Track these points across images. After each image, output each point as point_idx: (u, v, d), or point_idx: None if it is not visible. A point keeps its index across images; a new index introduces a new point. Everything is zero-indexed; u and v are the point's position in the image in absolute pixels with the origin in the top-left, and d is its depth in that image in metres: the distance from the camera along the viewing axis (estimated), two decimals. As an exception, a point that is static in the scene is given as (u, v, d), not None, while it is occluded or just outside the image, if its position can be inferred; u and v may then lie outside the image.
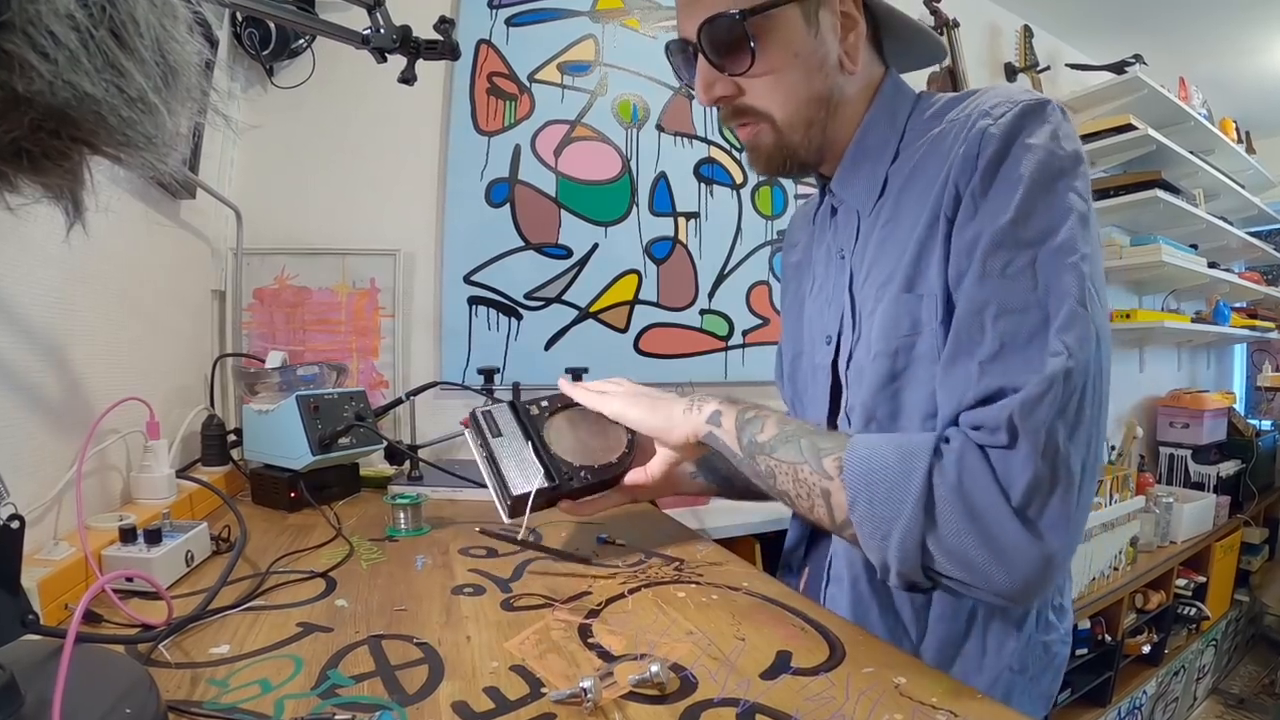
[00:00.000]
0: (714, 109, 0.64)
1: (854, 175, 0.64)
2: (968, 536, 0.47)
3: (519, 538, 0.71)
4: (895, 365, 0.57)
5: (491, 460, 0.70)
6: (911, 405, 0.57)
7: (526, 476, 0.69)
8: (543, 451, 0.72)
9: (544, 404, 0.75)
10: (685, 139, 1.66)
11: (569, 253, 1.53)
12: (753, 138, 0.64)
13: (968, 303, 0.51)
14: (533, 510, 0.68)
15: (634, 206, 1.60)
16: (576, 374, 1.33)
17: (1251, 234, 2.94)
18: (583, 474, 0.71)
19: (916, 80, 2.02)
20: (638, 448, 0.75)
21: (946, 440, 0.49)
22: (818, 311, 0.71)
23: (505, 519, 0.69)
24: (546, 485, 0.69)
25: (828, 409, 0.67)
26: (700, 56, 0.61)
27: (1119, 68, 2.35)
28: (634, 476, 0.74)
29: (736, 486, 0.77)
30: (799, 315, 0.77)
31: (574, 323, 1.53)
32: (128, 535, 0.64)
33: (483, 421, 0.73)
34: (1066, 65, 2.46)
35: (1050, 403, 0.46)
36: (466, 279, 1.44)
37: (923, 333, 0.55)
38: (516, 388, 0.74)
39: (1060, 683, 0.65)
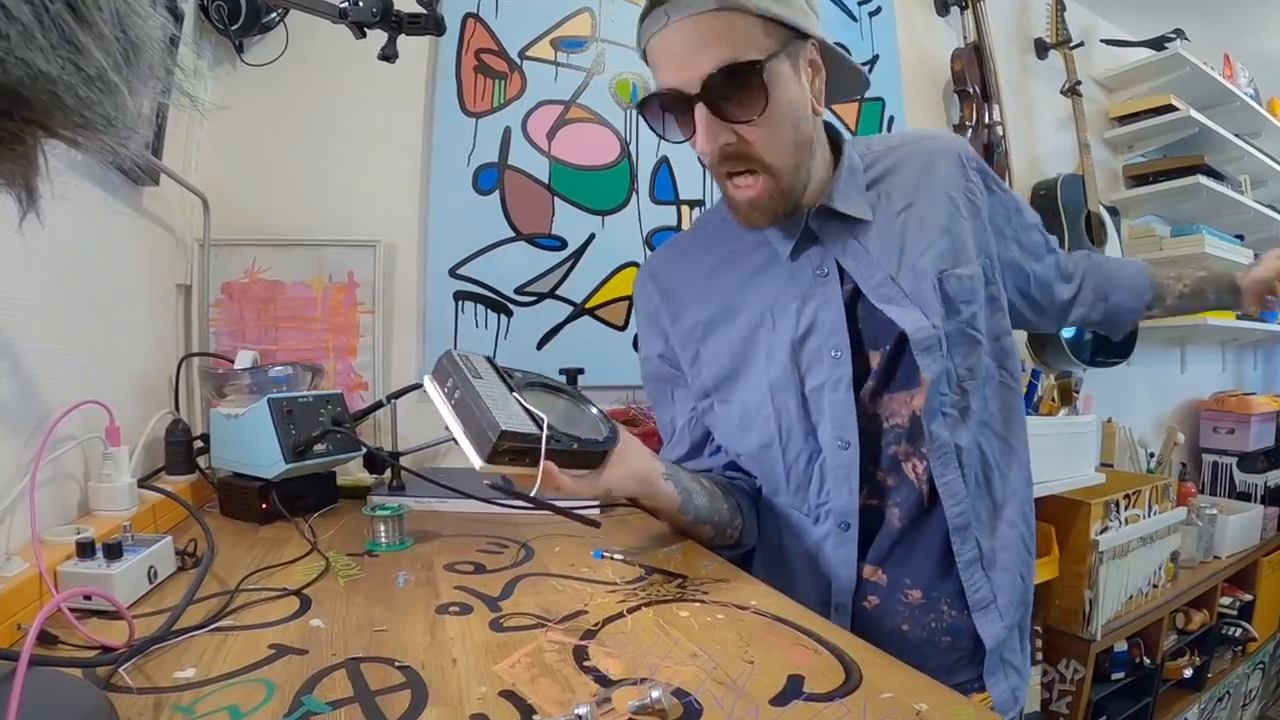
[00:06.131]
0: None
1: (847, 192, 0.79)
2: None
3: (532, 492, 0.65)
4: (971, 325, 0.78)
5: (471, 398, 0.64)
6: (978, 346, 0.80)
7: (513, 419, 0.64)
8: (527, 405, 0.67)
9: (517, 375, 0.72)
10: (689, 121, 1.66)
11: (563, 244, 1.53)
12: (756, 194, 0.73)
13: (1033, 242, 0.90)
14: (515, 466, 0.64)
15: (634, 194, 1.60)
16: (572, 375, 1.33)
17: (1302, 223, 2.93)
18: (570, 441, 0.68)
19: (941, 59, 2.02)
20: (619, 443, 0.74)
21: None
22: (802, 334, 0.79)
23: (479, 462, 0.63)
24: (537, 433, 0.64)
25: (855, 416, 0.77)
26: (700, 107, 0.68)
27: (1158, 44, 2.35)
28: (615, 465, 0.73)
29: (694, 502, 0.81)
30: (747, 357, 0.83)
31: (569, 320, 1.53)
32: (86, 550, 0.64)
33: (460, 363, 0.67)
34: (1101, 41, 2.46)
35: None
36: (452, 272, 1.44)
37: (978, 290, 0.80)
38: (491, 359, 0.72)
39: None
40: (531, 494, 0.65)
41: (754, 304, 0.82)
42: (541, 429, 0.65)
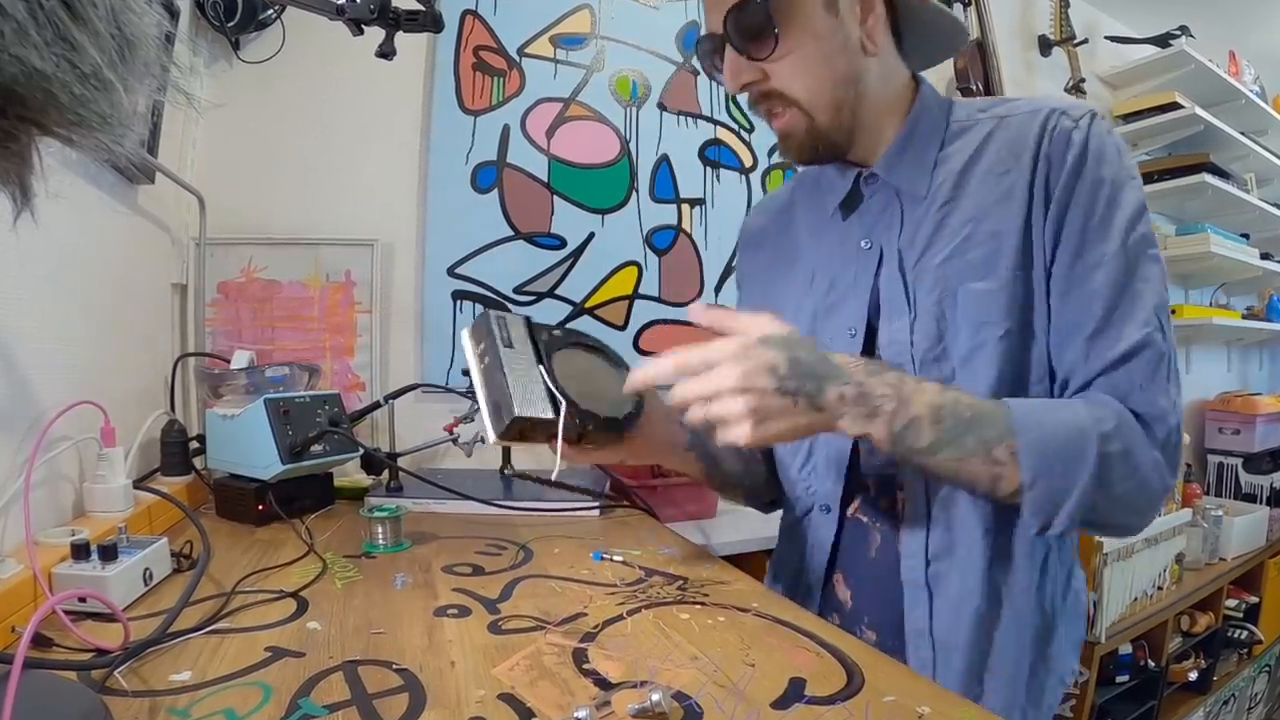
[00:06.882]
0: (724, 95, 0.73)
1: (901, 159, 0.72)
2: (1132, 492, 0.60)
3: (553, 478, 0.71)
4: (1019, 340, 0.66)
5: (496, 369, 0.67)
6: (1032, 371, 0.66)
7: (531, 400, 0.67)
8: (552, 380, 0.69)
9: (557, 333, 0.74)
10: (690, 119, 1.66)
11: (562, 243, 1.53)
12: (785, 126, 0.71)
13: (1074, 321, 0.64)
14: (526, 441, 0.67)
15: (633, 192, 1.60)
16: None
17: (1308, 222, 2.93)
18: (588, 422, 0.69)
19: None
20: (645, 412, 0.73)
21: (1101, 408, 0.61)
22: (829, 307, 0.76)
23: (492, 436, 0.66)
24: (553, 417, 0.66)
25: None
26: (727, 46, 0.68)
27: (1163, 41, 2.35)
28: (634, 437, 0.73)
29: (721, 469, 0.82)
30: (783, 311, 0.80)
31: (568, 319, 1.53)
32: (80, 551, 0.64)
33: (495, 326, 0.70)
34: (1106, 38, 2.46)
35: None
36: (450, 271, 1.44)
37: (1036, 306, 0.66)
38: (529, 320, 0.74)
39: (1085, 627, 0.76)
40: (552, 478, 0.71)
41: (808, 260, 0.81)
42: (559, 415, 0.66)
